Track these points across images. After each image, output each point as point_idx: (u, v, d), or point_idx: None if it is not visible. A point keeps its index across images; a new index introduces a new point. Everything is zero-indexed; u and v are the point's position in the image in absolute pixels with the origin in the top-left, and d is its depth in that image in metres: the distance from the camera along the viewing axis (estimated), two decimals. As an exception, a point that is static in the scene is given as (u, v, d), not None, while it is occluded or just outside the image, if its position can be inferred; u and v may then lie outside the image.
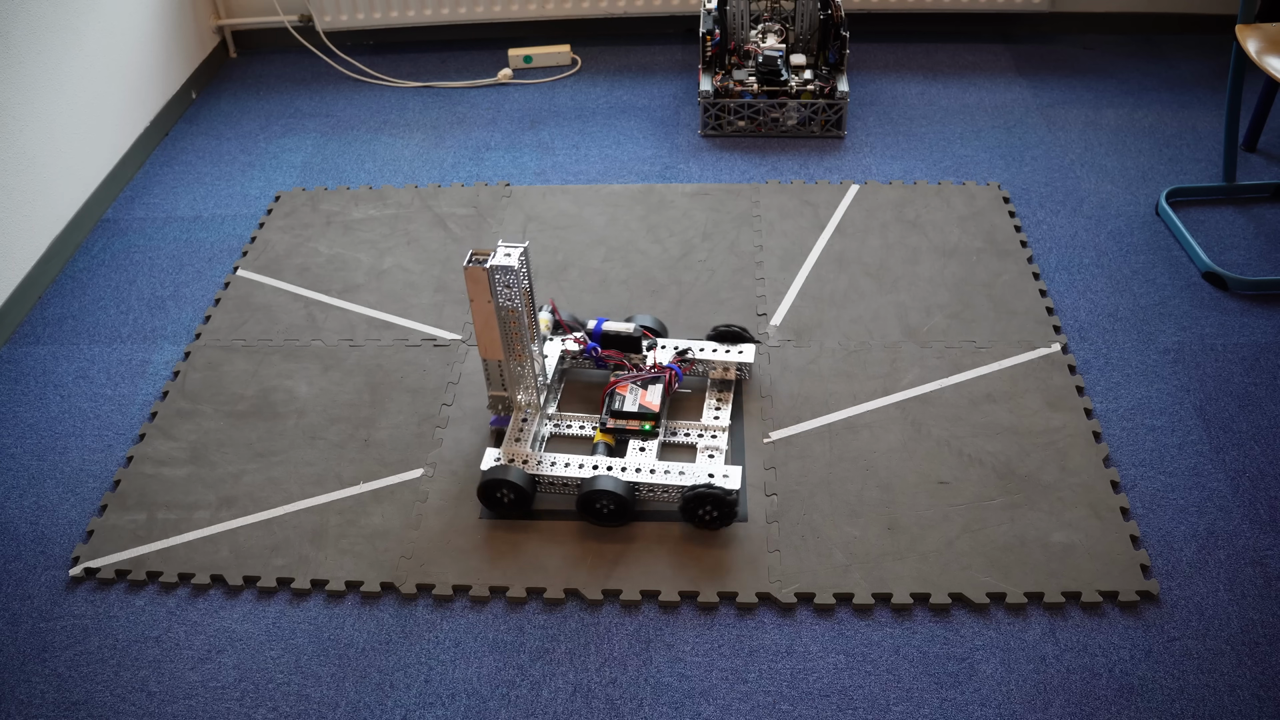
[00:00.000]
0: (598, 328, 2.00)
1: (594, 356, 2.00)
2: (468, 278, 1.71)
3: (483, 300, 1.74)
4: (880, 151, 2.75)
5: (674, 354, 1.99)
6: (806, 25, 2.92)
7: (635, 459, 1.82)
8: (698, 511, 1.74)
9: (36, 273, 2.39)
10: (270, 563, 1.76)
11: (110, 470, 1.95)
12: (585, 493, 1.75)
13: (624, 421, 1.89)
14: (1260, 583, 1.67)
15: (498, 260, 1.70)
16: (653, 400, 1.89)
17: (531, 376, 1.86)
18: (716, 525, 1.76)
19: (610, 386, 1.93)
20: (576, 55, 3.27)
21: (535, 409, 1.89)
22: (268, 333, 2.23)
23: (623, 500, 1.74)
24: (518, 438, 1.86)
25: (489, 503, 1.80)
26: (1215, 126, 2.79)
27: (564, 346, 2.03)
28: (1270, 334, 2.13)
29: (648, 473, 1.78)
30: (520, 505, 1.79)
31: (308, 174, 2.77)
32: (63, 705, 1.58)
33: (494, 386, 1.89)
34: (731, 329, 2.03)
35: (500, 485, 1.77)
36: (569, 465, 1.81)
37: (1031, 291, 2.25)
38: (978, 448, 1.90)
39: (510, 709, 1.55)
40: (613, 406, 1.90)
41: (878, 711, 1.52)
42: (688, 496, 1.73)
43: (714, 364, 2.00)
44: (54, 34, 2.49)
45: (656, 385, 1.92)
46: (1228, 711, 1.50)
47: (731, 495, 1.72)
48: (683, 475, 1.77)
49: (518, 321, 1.78)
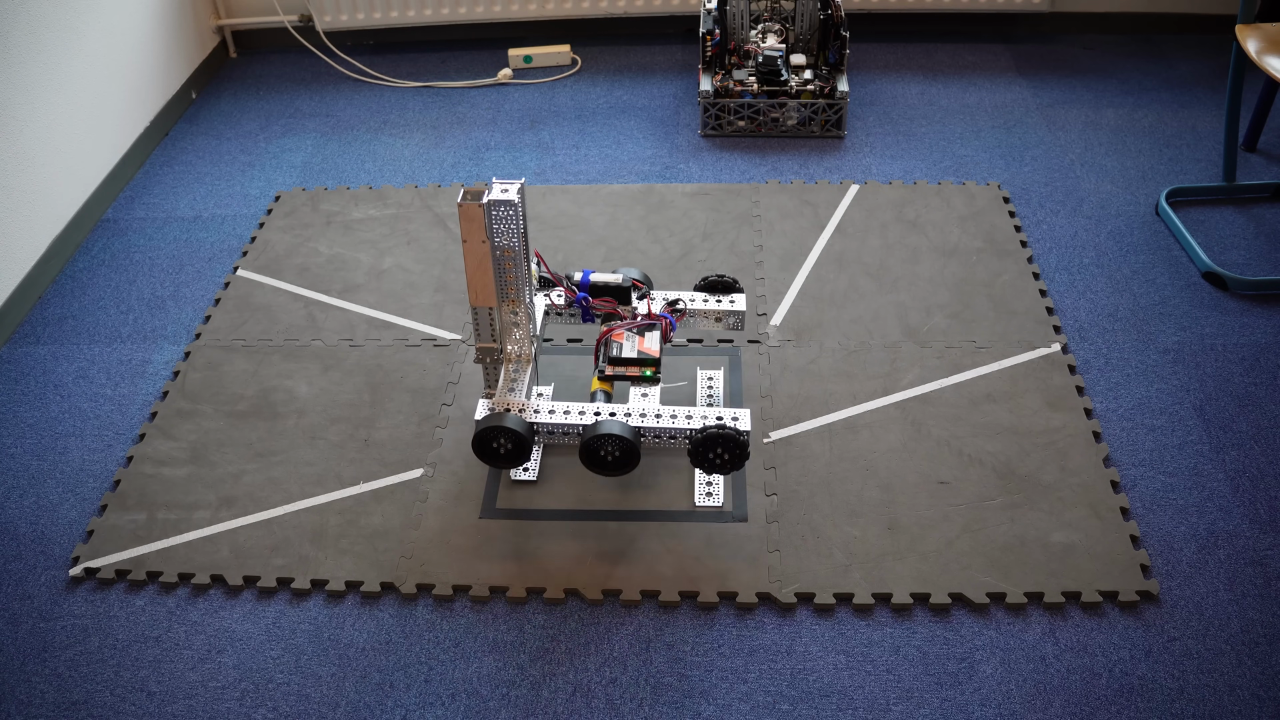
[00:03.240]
0: (584, 279, 1.89)
1: (584, 306, 1.89)
2: (462, 216, 1.62)
3: (477, 240, 1.65)
4: (880, 151, 2.75)
5: (664, 304, 1.90)
6: (806, 25, 2.92)
7: (639, 404, 1.74)
8: (708, 455, 1.67)
9: (36, 273, 2.39)
10: (270, 563, 1.76)
11: (110, 470, 1.95)
12: (589, 438, 1.66)
13: (623, 368, 1.78)
14: (1260, 583, 1.67)
15: (494, 195, 1.62)
16: (651, 346, 1.80)
17: (525, 325, 1.77)
18: (727, 469, 1.69)
19: (605, 335, 1.82)
20: (576, 55, 3.27)
21: (526, 361, 1.80)
22: (268, 333, 2.23)
23: (629, 445, 1.66)
24: (511, 388, 1.77)
25: (485, 454, 1.71)
26: (1215, 126, 2.79)
27: (549, 301, 1.91)
28: (1270, 334, 2.13)
29: (653, 417, 1.70)
30: (518, 455, 1.70)
31: (308, 174, 2.77)
32: (63, 705, 1.58)
33: (483, 338, 1.78)
34: (722, 279, 1.96)
35: (497, 434, 1.68)
36: (569, 413, 1.72)
37: (1031, 291, 2.25)
38: (978, 448, 1.90)
39: (510, 709, 1.55)
40: (610, 354, 1.80)
41: (878, 711, 1.52)
42: (697, 439, 1.66)
43: (706, 313, 1.93)
44: (54, 34, 2.49)
45: (653, 332, 1.83)
46: (1228, 711, 1.50)
47: (743, 436, 1.65)
48: (690, 419, 1.69)
49: (513, 263, 1.69)
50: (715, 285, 1.97)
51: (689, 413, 1.70)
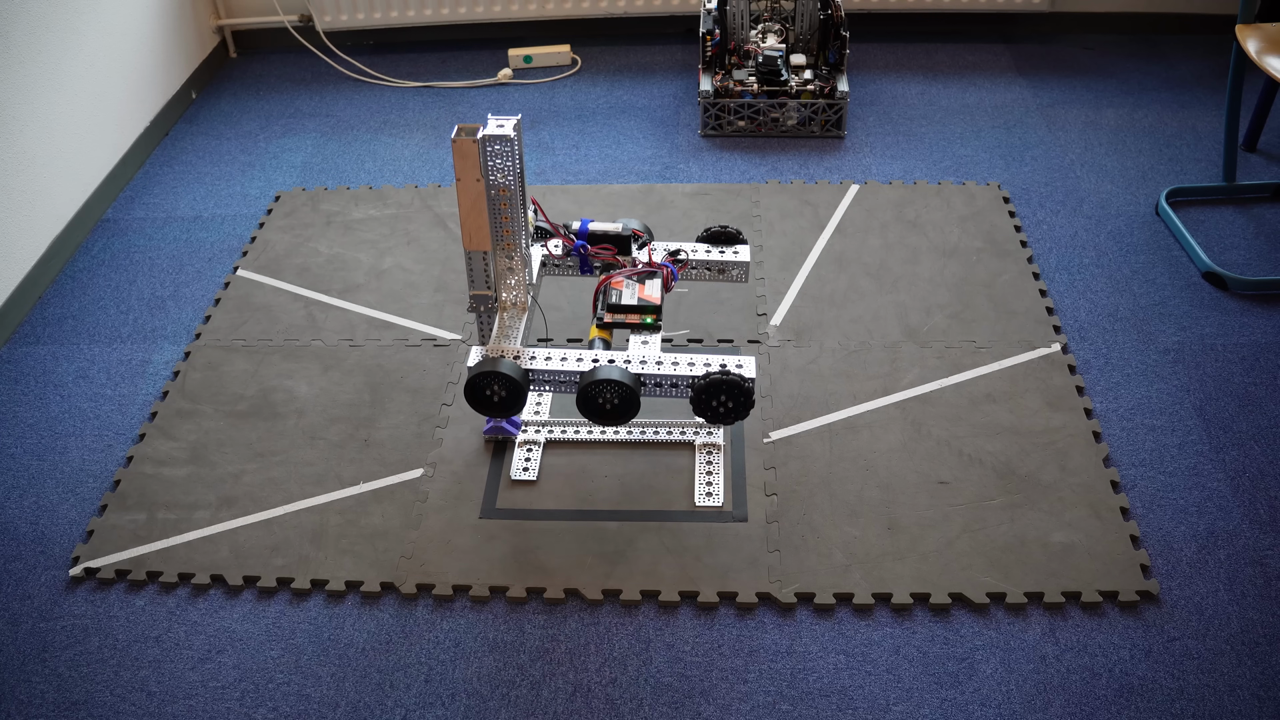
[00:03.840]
0: (582, 227, 1.84)
1: (582, 255, 1.83)
2: (456, 152, 1.57)
3: (471, 179, 1.58)
4: (880, 151, 2.75)
5: (666, 254, 1.85)
6: (806, 25, 2.92)
7: (639, 351, 1.69)
8: (711, 403, 1.62)
9: (36, 273, 2.39)
10: (270, 563, 1.76)
11: (110, 470, 1.95)
12: (587, 384, 1.60)
13: (623, 315, 1.73)
14: (1260, 583, 1.67)
15: (490, 130, 1.56)
16: (652, 294, 1.75)
17: (520, 271, 1.71)
18: (731, 418, 1.64)
19: (604, 282, 1.77)
20: (576, 55, 3.27)
21: (522, 309, 1.75)
22: (268, 333, 2.23)
23: (628, 391, 1.60)
24: (506, 335, 1.71)
25: (478, 402, 1.66)
26: (1215, 126, 2.79)
27: (546, 252, 1.85)
28: (1270, 334, 2.13)
29: (654, 364, 1.64)
30: (512, 402, 1.65)
31: (308, 174, 2.77)
32: (63, 705, 1.58)
33: (477, 285, 1.71)
34: (725, 229, 1.91)
35: (490, 380, 1.63)
36: (565, 359, 1.66)
37: (1031, 291, 2.25)
38: (978, 448, 1.90)
39: (510, 709, 1.55)
40: (609, 301, 1.74)
41: (878, 711, 1.52)
42: (700, 386, 1.61)
43: (709, 264, 1.89)
44: (54, 34, 2.49)
45: (654, 280, 1.78)
46: (1228, 711, 1.50)
47: (748, 383, 1.60)
48: (692, 366, 1.63)
49: (509, 203, 1.63)
50: (718, 236, 1.91)
51: (691, 359, 1.64)
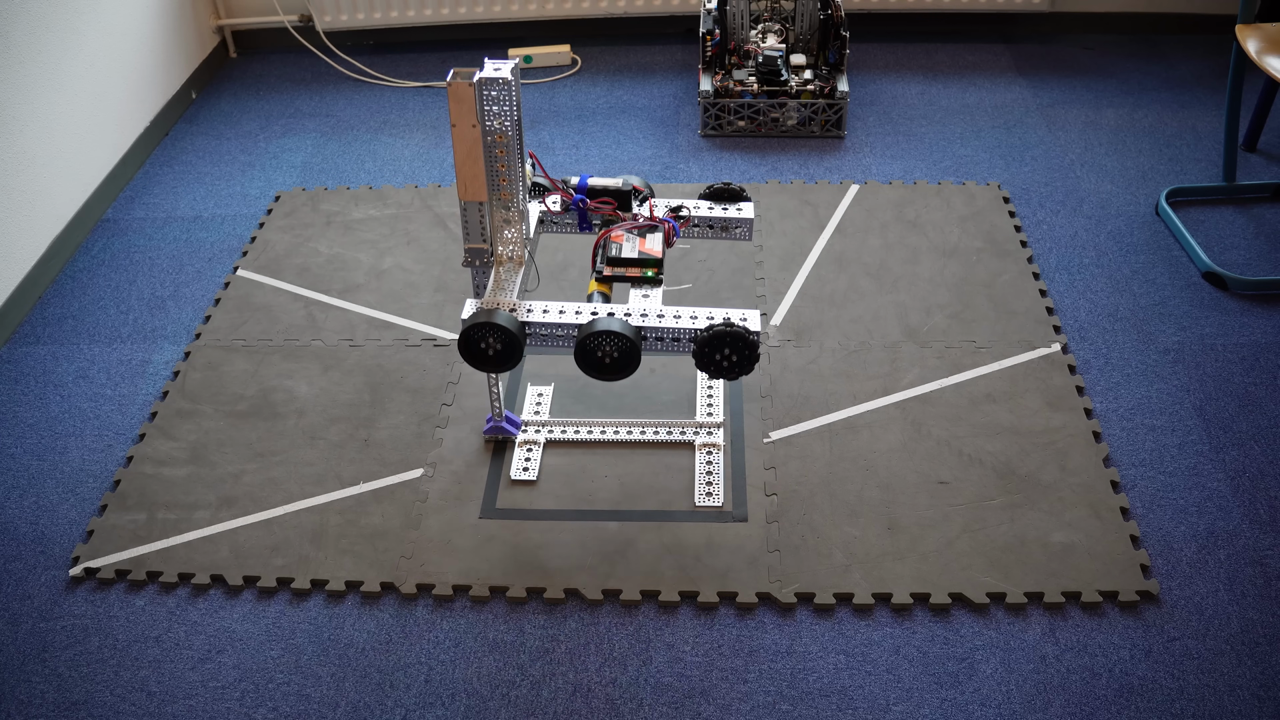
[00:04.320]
0: (582, 181, 1.78)
1: (581, 209, 1.77)
2: (451, 96, 1.53)
3: (466, 125, 1.54)
4: (880, 151, 2.75)
5: (667, 210, 1.80)
6: (806, 25, 2.92)
7: (640, 305, 1.64)
8: (715, 357, 1.57)
9: (36, 273, 2.39)
10: (270, 563, 1.76)
11: (110, 470, 1.95)
12: (585, 335, 1.56)
13: (622, 269, 1.67)
14: (1260, 583, 1.67)
15: (486, 73, 1.52)
16: (653, 248, 1.69)
17: (517, 224, 1.67)
18: (735, 373, 1.59)
19: (603, 236, 1.72)
20: (576, 55, 3.27)
21: (519, 264, 1.69)
22: (268, 333, 2.23)
23: (628, 344, 1.55)
24: (501, 289, 1.66)
25: (472, 356, 1.61)
26: (1215, 126, 2.79)
27: (544, 208, 1.80)
28: (1270, 334, 2.13)
29: (655, 317, 1.59)
30: (508, 356, 1.60)
31: (308, 174, 2.77)
32: (63, 705, 1.58)
33: (472, 238, 1.67)
34: (728, 186, 1.84)
35: (485, 332, 1.57)
36: (564, 312, 1.61)
37: (1031, 291, 2.25)
38: (978, 448, 1.90)
39: (510, 709, 1.55)
40: (608, 255, 1.69)
41: (878, 711, 1.52)
42: (703, 340, 1.55)
43: (712, 221, 1.83)
44: (54, 34, 2.49)
45: (655, 234, 1.72)
46: (1228, 711, 1.50)
47: (753, 336, 1.55)
48: (695, 319, 1.58)
49: (506, 150, 1.58)
50: (721, 193, 1.85)
51: (694, 312, 1.60)
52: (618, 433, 1.95)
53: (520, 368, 2.10)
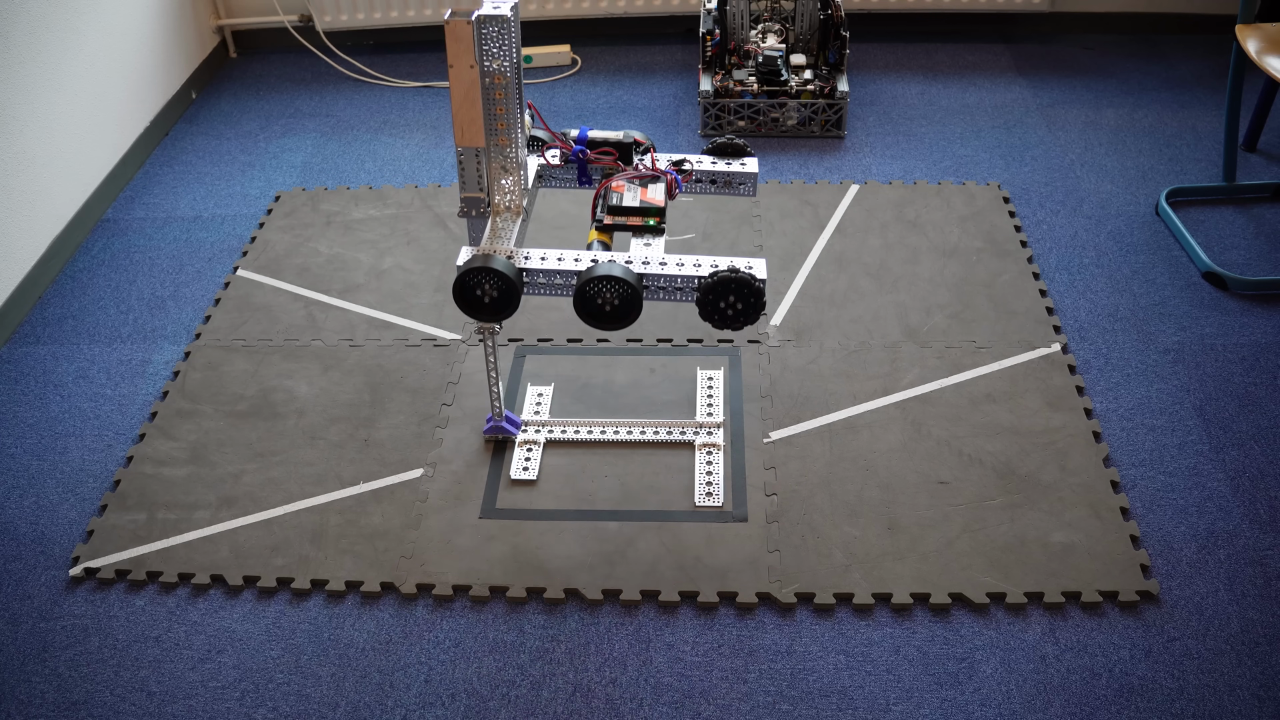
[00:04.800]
0: (582, 134, 1.74)
1: (581, 160, 1.73)
2: (449, 35, 1.49)
3: (464, 65, 1.50)
4: (880, 151, 2.75)
5: (670, 163, 1.76)
6: (806, 25, 2.92)
7: (641, 252, 1.59)
8: (719, 304, 1.52)
9: (36, 273, 2.39)
10: (270, 563, 1.76)
11: (110, 470, 1.95)
12: (585, 281, 1.51)
13: (623, 217, 1.62)
14: (1260, 583, 1.67)
15: (485, 10, 1.49)
16: (655, 197, 1.65)
17: (515, 173, 1.62)
18: (739, 322, 1.53)
19: (604, 185, 1.68)
20: (576, 55, 3.27)
21: (516, 213, 1.64)
22: (268, 333, 2.23)
23: (630, 290, 1.50)
24: (498, 237, 1.61)
25: (467, 303, 1.57)
26: (1215, 126, 2.79)
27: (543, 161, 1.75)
28: (1270, 334, 2.13)
29: (657, 265, 1.54)
30: (504, 304, 1.55)
31: (308, 174, 2.77)
32: (63, 705, 1.58)
33: (469, 186, 1.63)
34: (732, 142, 1.81)
35: (481, 278, 1.53)
36: (562, 259, 1.56)
37: (1031, 291, 2.25)
38: (978, 448, 1.90)
39: (510, 709, 1.55)
40: (609, 203, 1.65)
41: (878, 711, 1.52)
42: (708, 286, 1.50)
43: (715, 175, 1.79)
44: (54, 34, 2.49)
45: (658, 184, 1.67)
46: (1228, 711, 1.50)
47: (759, 283, 1.50)
48: (699, 267, 1.53)
49: (505, 92, 1.54)
50: (725, 148, 1.81)
51: (697, 260, 1.56)
52: (618, 433, 1.95)
53: (520, 368, 2.10)
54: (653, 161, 1.73)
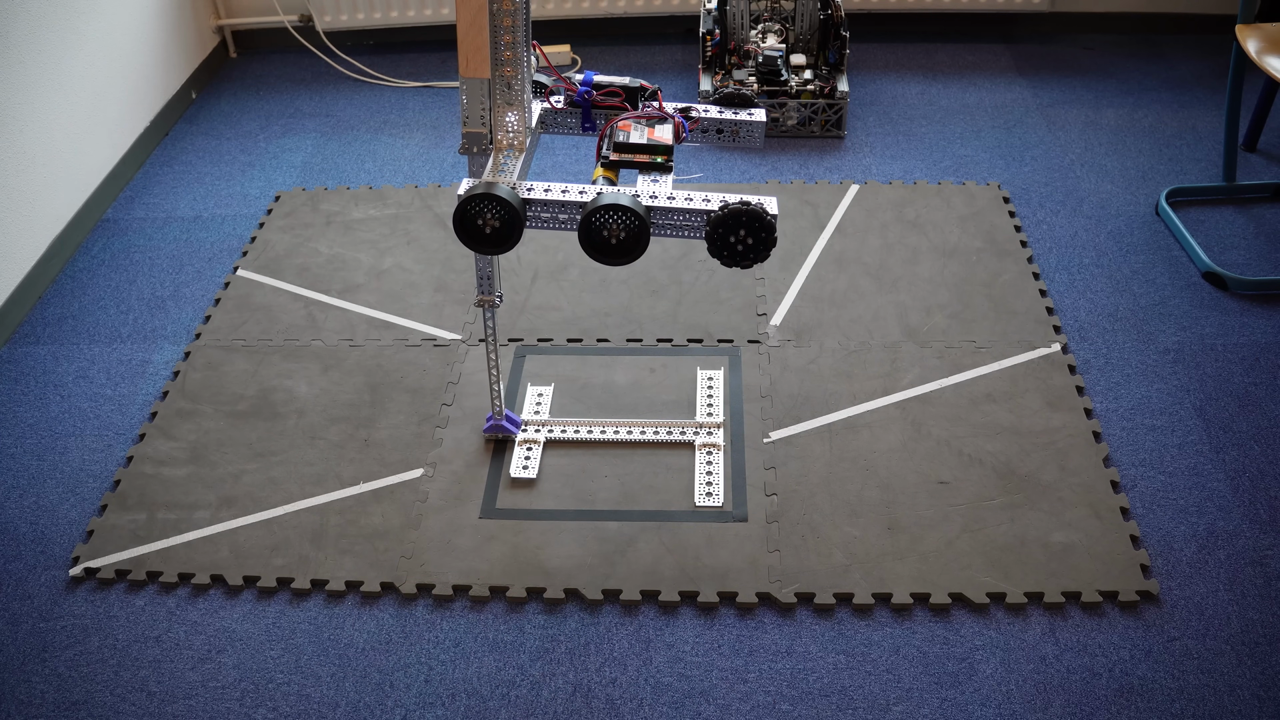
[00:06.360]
0: (587, 77, 1.70)
1: (586, 103, 1.68)
2: None
3: None
4: (880, 151, 2.75)
5: (677, 110, 1.71)
6: (806, 25, 2.92)
7: (648, 188, 1.53)
8: (729, 239, 1.47)
9: (36, 273, 2.39)
10: (270, 563, 1.76)
11: (110, 470, 1.95)
12: (592, 211, 1.45)
13: (630, 154, 1.58)
14: (1260, 583, 1.67)
15: None
16: (663, 136, 1.60)
17: (520, 109, 1.56)
18: (749, 259, 1.49)
19: (610, 124, 1.63)
20: (576, 55, 3.27)
21: (520, 150, 1.58)
22: (268, 333, 2.23)
23: (637, 221, 1.45)
24: (501, 170, 1.56)
25: (468, 234, 1.51)
26: (1215, 126, 2.79)
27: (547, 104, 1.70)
28: (1270, 334, 2.13)
29: (665, 199, 1.49)
30: (507, 234, 1.49)
31: (308, 174, 2.77)
32: (63, 705, 1.58)
33: (471, 121, 1.56)
34: (740, 93, 1.76)
35: (484, 205, 1.47)
36: (566, 191, 1.51)
37: (1031, 291, 2.25)
38: (978, 448, 1.90)
39: (510, 709, 1.55)
40: (616, 140, 1.60)
41: (878, 711, 1.52)
42: (718, 219, 1.45)
43: (722, 124, 1.74)
44: (54, 34, 2.49)
45: (665, 125, 1.62)
46: (1228, 711, 1.50)
47: (770, 217, 1.45)
48: (708, 201, 1.48)
49: (513, 20, 1.48)
50: (732, 98, 1.76)
51: (706, 195, 1.50)
52: (618, 433, 1.95)
53: (520, 368, 2.10)
54: (660, 106, 1.68)
